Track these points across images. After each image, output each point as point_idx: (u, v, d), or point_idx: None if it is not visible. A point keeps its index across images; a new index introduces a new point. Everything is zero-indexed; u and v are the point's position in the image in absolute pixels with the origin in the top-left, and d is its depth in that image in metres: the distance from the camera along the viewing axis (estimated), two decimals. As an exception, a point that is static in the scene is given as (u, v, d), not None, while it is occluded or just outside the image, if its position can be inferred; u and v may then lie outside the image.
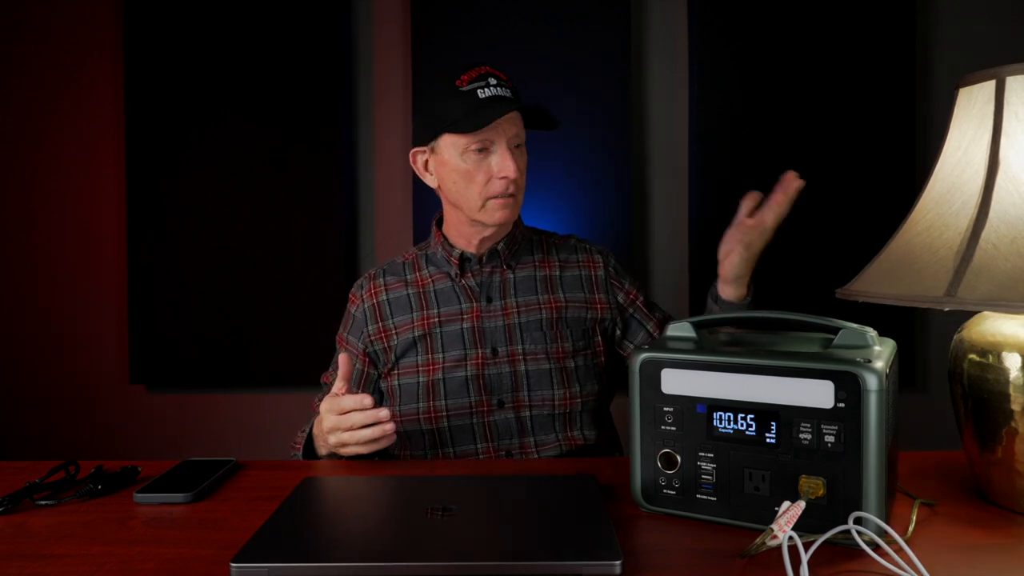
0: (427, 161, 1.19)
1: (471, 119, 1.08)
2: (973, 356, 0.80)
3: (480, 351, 1.18)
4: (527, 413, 1.17)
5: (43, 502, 0.83)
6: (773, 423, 0.71)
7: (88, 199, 2.24)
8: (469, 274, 1.22)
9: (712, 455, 0.75)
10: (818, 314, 0.79)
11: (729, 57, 2.17)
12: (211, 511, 0.82)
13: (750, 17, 2.17)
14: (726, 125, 2.18)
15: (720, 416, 0.74)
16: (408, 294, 1.23)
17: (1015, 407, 0.76)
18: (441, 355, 1.18)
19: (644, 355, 0.78)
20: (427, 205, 2.18)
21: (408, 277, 1.25)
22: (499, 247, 1.22)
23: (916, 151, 2.21)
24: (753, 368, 0.72)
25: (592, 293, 1.25)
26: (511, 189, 1.13)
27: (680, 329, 0.84)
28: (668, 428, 0.77)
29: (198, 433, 2.25)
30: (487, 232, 1.19)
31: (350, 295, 1.28)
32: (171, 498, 0.84)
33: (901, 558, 0.66)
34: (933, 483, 0.89)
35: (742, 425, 0.73)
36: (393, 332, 1.21)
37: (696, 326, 0.84)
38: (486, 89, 1.10)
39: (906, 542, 0.69)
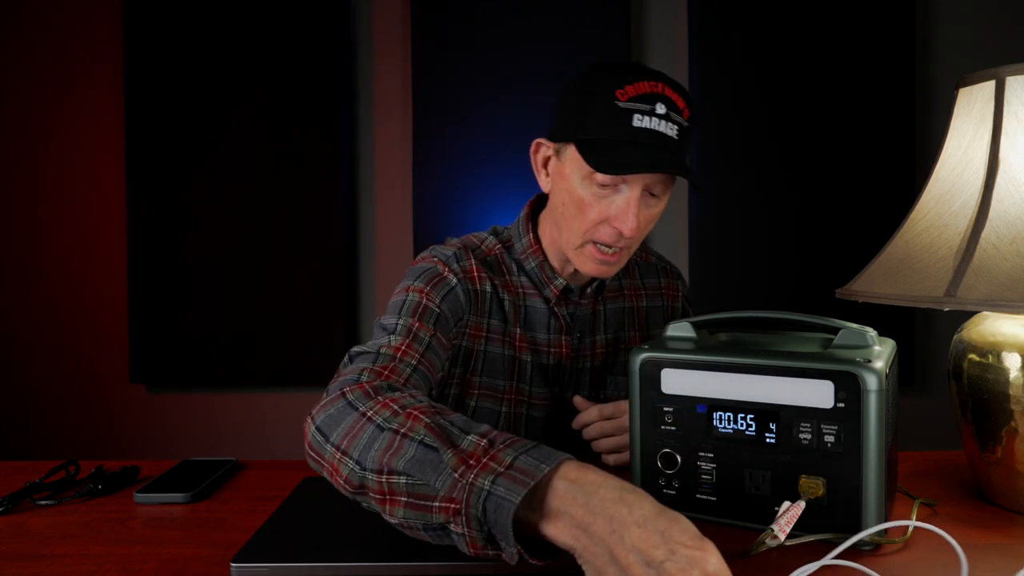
0: (548, 159, 0.98)
1: (603, 154, 0.85)
2: (973, 356, 0.80)
3: (566, 395, 1.07)
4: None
5: (43, 502, 0.83)
6: (773, 423, 0.71)
7: (88, 199, 2.25)
8: (564, 302, 1.05)
9: (712, 455, 0.75)
10: (818, 314, 0.78)
11: (729, 57, 2.18)
12: (211, 511, 0.82)
13: (750, 17, 2.17)
14: (726, 125, 2.18)
15: (720, 416, 0.74)
16: (502, 299, 1.02)
17: (1015, 407, 0.76)
18: (528, 387, 1.04)
19: (644, 355, 0.77)
20: (427, 205, 2.18)
21: (495, 278, 1.03)
22: (607, 280, 1.06)
23: (916, 151, 2.21)
24: (753, 368, 0.72)
25: None
26: (621, 243, 0.92)
27: (680, 329, 0.84)
28: (668, 428, 0.77)
29: (198, 433, 2.25)
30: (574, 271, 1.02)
31: (439, 264, 0.98)
32: (171, 498, 0.84)
33: (901, 558, 0.66)
34: (933, 483, 0.89)
35: (742, 425, 0.73)
36: (485, 336, 1.01)
37: (696, 326, 0.84)
38: (646, 118, 0.85)
39: (906, 542, 0.69)
